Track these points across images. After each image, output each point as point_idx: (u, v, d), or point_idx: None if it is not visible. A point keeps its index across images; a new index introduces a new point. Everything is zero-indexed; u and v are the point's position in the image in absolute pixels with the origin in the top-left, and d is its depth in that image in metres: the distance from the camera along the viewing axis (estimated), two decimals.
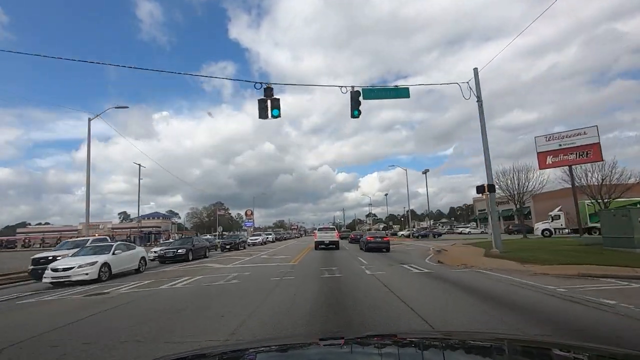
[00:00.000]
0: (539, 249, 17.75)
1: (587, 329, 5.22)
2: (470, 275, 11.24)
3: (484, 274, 11.49)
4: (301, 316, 6.34)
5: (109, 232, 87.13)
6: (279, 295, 8.48)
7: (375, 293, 8.44)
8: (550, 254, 15.03)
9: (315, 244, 27.56)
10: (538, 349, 1.63)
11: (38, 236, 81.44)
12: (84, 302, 9.41)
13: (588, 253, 14.67)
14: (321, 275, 12.05)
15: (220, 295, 9.23)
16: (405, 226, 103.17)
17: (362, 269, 13.62)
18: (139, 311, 7.74)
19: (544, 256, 14.02)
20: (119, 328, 6.05)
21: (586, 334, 4.98)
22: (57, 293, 11.33)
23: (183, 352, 2.43)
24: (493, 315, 6.06)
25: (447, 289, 8.82)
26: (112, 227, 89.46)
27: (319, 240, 27.50)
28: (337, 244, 28.15)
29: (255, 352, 1.75)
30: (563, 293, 7.73)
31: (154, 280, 13.14)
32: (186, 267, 17.64)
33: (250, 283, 11.04)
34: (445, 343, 1.81)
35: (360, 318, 6.12)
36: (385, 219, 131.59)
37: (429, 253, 20.85)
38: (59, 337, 5.67)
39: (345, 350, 1.73)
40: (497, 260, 14.32)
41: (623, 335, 4.88)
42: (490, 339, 1.95)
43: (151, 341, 5.14)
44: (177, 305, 7.92)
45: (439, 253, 20.36)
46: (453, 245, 26.73)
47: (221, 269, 15.88)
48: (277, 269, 14.64)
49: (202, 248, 23.81)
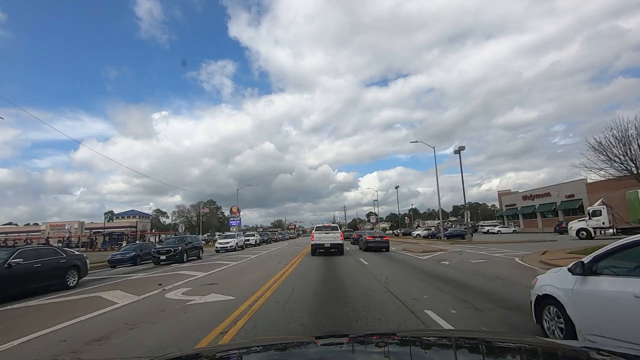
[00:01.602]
0: None
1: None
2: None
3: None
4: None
5: (74, 233, 76.58)
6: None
7: None
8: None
9: (312, 248, 20.94)
10: (541, 349, 1.63)
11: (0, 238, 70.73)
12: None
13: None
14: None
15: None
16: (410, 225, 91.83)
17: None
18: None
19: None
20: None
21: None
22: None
23: (183, 352, 2.61)
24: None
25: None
26: (79, 228, 78.08)
27: (316, 244, 20.70)
28: (340, 248, 20.83)
29: (256, 352, 1.72)
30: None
31: None
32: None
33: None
34: (446, 342, 1.79)
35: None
36: (386, 218, 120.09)
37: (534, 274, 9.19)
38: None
39: (346, 348, 1.70)
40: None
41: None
42: (493, 339, 1.84)
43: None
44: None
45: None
46: (544, 254, 15.22)
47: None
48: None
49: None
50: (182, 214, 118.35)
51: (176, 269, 15.96)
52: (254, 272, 13.91)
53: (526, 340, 1.95)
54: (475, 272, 11.41)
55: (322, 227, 22.55)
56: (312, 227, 24.89)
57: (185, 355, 1.68)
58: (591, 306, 3.65)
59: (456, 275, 10.89)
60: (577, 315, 3.77)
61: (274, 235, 55.58)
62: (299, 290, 8.85)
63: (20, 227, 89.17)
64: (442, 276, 10.82)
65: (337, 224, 28.19)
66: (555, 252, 15.43)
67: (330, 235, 20.97)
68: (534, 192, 58.25)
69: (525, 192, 62.08)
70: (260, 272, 13.70)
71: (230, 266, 16.80)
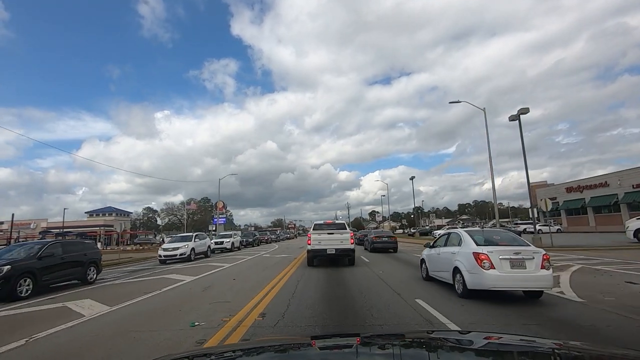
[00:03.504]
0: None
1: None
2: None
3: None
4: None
5: (41, 231, 67.09)
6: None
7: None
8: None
9: (309, 256, 14.09)
10: (548, 350, 1.58)
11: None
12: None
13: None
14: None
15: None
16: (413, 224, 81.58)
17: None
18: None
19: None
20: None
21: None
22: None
23: (182, 352, 2.30)
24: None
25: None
26: (47, 227, 68.27)
27: (315, 249, 13.88)
28: (350, 255, 14.12)
29: (257, 352, 1.68)
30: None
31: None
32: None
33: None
34: (449, 343, 1.75)
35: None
36: (389, 217, 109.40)
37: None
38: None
39: (350, 350, 1.68)
40: None
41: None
42: (498, 340, 1.81)
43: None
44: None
45: None
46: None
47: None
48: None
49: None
50: (171, 212, 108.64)
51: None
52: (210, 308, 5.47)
53: (537, 341, 1.88)
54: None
55: (324, 225, 15.22)
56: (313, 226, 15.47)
57: (189, 356, 1.64)
58: (430, 259, 9.63)
59: None
60: (428, 264, 9.75)
61: (263, 236, 45.13)
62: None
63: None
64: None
65: (343, 221, 17.50)
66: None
67: (336, 237, 14.07)
68: (583, 182, 47.62)
69: (569, 182, 51.46)
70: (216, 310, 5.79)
71: (172, 294, 7.85)
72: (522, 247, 7.14)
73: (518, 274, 6.75)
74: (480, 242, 7.50)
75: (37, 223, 70.43)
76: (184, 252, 18.81)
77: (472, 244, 7.50)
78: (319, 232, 14.25)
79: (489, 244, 7.39)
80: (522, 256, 6.86)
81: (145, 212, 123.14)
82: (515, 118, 24.18)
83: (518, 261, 6.82)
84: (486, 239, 7.63)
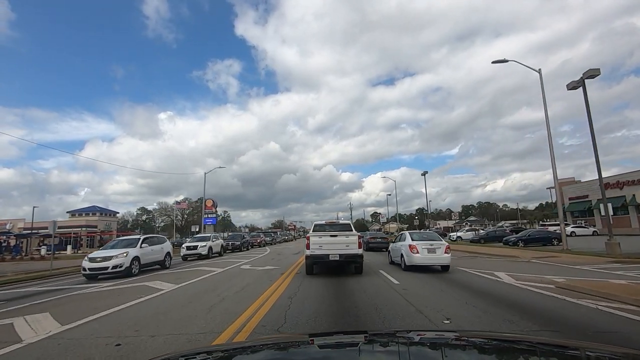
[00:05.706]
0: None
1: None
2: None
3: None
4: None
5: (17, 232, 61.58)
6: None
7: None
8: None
9: (307, 263, 11.97)
10: (547, 347, 1.56)
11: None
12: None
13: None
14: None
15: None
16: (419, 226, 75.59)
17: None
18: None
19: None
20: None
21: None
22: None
23: (182, 352, 2.13)
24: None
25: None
26: (25, 227, 62.78)
27: (315, 255, 11.69)
28: (358, 262, 11.81)
29: (257, 351, 1.65)
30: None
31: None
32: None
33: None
34: (451, 342, 1.73)
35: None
36: (391, 218, 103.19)
37: None
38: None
39: (351, 349, 1.65)
40: None
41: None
42: (500, 339, 1.83)
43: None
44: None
45: None
46: None
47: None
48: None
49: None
50: (164, 212, 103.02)
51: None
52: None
53: (534, 340, 1.87)
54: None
55: (325, 226, 12.74)
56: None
57: (189, 355, 1.60)
58: (392, 250, 15.54)
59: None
60: (391, 253, 15.67)
61: (256, 238, 39.16)
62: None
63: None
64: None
65: (348, 221, 16.23)
66: None
67: (340, 239, 11.66)
68: (624, 177, 41.62)
69: (607, 178, 45.45)
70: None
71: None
72: (435, 242, 12.71)
73: (432, 256, 12.26)
74: (415, 238, 13.10)
75: (14, 223, 64.99)
76: (120, 262, 13.01)
77: (409, 239, 12.96)
78: (319, 235, 11.90)
79: (419, 240, 12.92)
80: (434, 246, 12.42)
81: (139, 212, 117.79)
82: (578, 85, 18.32)
83: (432, 249, 12.33)
84: (418, 237, 13.45)
